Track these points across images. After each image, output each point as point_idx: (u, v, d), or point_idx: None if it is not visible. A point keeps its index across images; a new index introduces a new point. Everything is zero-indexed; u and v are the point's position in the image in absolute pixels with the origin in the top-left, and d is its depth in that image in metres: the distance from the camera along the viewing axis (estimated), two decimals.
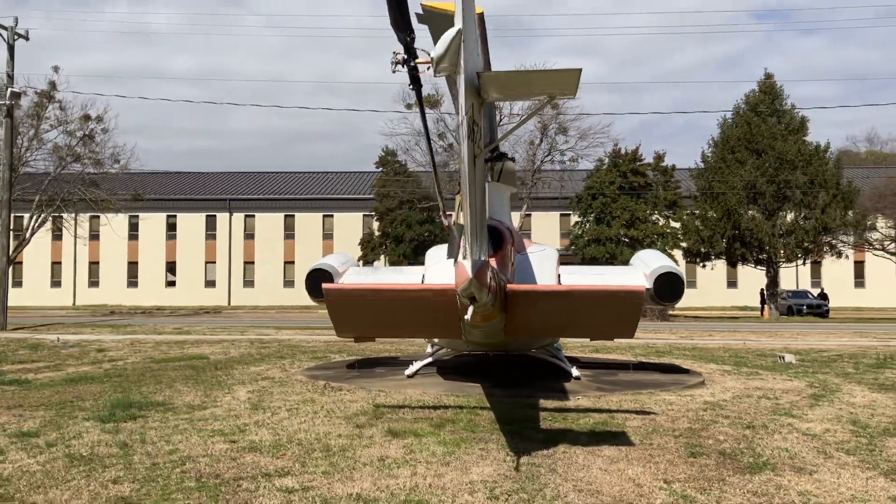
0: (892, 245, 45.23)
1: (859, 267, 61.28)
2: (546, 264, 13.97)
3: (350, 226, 66.31)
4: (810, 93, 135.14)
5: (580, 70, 6.59)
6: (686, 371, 15.75)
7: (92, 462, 7.90)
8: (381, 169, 53.00)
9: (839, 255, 44.46)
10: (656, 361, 18.02)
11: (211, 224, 69.80)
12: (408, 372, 14.25)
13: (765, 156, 42.92)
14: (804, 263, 48.44)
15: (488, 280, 7.77)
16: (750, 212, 42.82)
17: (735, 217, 42.63)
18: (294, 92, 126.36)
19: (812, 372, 16.14)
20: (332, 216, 68.43)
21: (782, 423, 10.16)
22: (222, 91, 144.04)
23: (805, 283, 60.84)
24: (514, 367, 15.44)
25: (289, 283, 65.79)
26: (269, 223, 68.82)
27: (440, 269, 13.84)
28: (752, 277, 53.24)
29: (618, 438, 9.04)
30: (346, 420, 10.13)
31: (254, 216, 69.40)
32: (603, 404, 11.50)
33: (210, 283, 69.34)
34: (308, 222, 68.08)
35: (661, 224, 48.48)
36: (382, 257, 52.03)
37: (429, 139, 11.81)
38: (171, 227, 69.80)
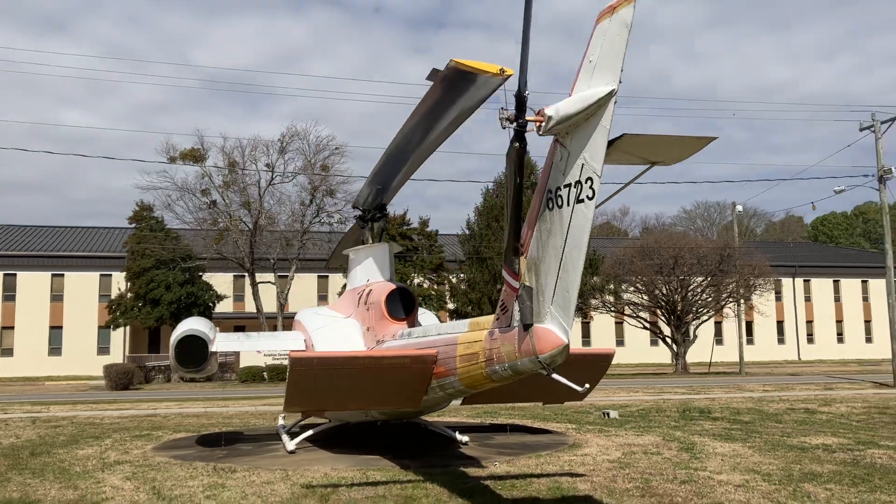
0: (626, 307, 50.73)
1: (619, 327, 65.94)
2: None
3: (85, 286, 60.30)
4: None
5: (716, 137, 6.90)
6: (548, 431, 16.30)
7: None
8: (134, 225, 49.04)
9: (584, 315, 48.79)
10: (504, 423, 18.42)
11: None
12: (289, 447, 13.23)
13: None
14: None
15: None
16: None
17: (501, 281, 45.09)
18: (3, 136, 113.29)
19: (645, 426, 17.43)
20: (61, 275, 61.65)
21: (700, 474, 10.87)
22: None
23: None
24: (386, 436, 14.99)
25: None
26: None
27: (331, 334, 13.21)
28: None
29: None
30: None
31: None
32: (525, 469, 11.55)
33: None
34: (33, 282, 60.61)
35: (426, 287, 50.03)
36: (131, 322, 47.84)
37: (519, 203, 10.41)
38: None
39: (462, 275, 48.15)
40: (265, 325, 48.72)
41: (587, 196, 6.28)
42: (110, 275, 60.85)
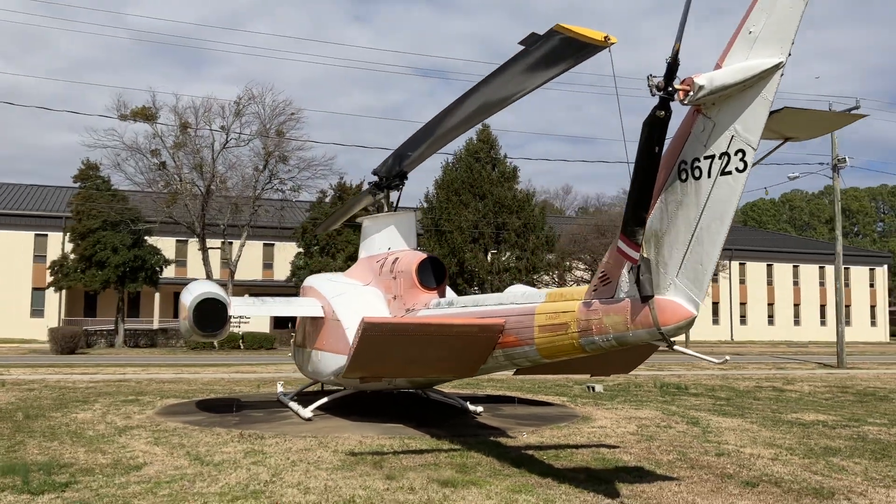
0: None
1: None
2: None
3: (18, 246, 57.84)
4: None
5: (866, 115, 6.92)
6: (550, 403, 16.47)
7: None
8: (79, 184, 47.09)
9: None
10: (500, 394, 18.52)
11: None
12: (306, 415, 13.04)
13: (486, 200, 46.44)
14: None
15: None
16: (472, 251, 45.84)
17: (460, 255, 45.41)
18: None
19: (636, 401, 17.74)
20: None
21: (727, 447, 11.12)
22: None
23: None
24: (395, 405, 14.93)
25: None
26: None
27: (353, 301, 13.01)
28: None
29: (651, 475, 9.25)
30: (346, 471, 9.02)
31: None
32: (554, 440, 11.64)
33: None
34: None
35: None
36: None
37: (653, 174, 8.72)
38: None
39: (421, 248, 48.01)
40: None
41: (736, 168, 6.27)
42: (46, 235, 58.55)
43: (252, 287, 55.08)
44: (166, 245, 52.21)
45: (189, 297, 12.65)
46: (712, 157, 6.47)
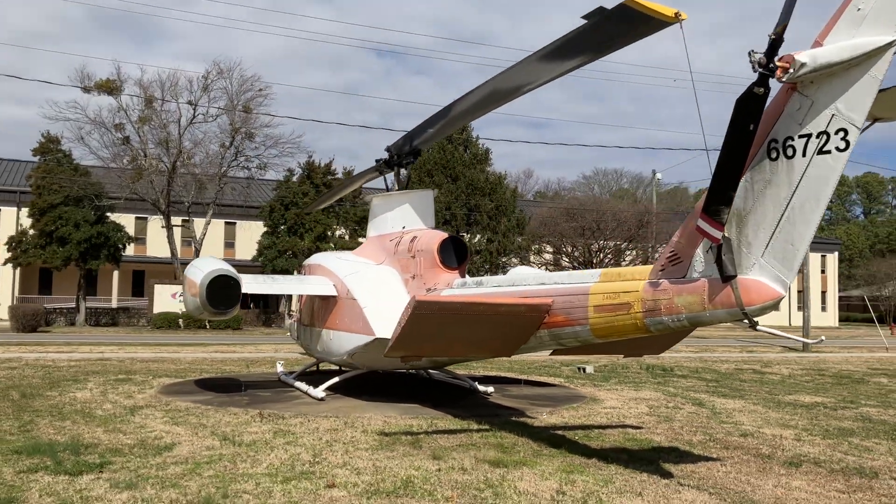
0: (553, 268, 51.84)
1: None
2: None
3: None
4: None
5: None
6: (552, 384, 16.50)
7: None
8: (39, 158, 45.52)
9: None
10: (490, 375, 18.50)
11: None
12: (319, 395, 12.82)
13: (458, 182, 46.22)
14: None
15: None
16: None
17: None
18: None
19: (632, 382, 17.87)
20: None
21: (746, 428, 11.24)
22: None
23: None
24: (401, 385, 14.79)
25: None
26: None
27: (368, 280, 12.80)
28: None
29: (691, 455, 9.30)
30: (386, 451, 8.88)
31: None
32: (574, 420, 11.65)
33: None
34: None
35: (348, 239, 49.18)
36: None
37: (746, 153, 7.15)
38: None
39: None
40: (180, 270, 46.76)
41: (836, 147, 6.22)
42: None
43: None
44: (126, 222, 50.91)
45: (199, 274, 12.27)
46: (808, 135, 6.42)
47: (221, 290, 12.00)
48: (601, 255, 47.74)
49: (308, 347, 14.82)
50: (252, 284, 13.08)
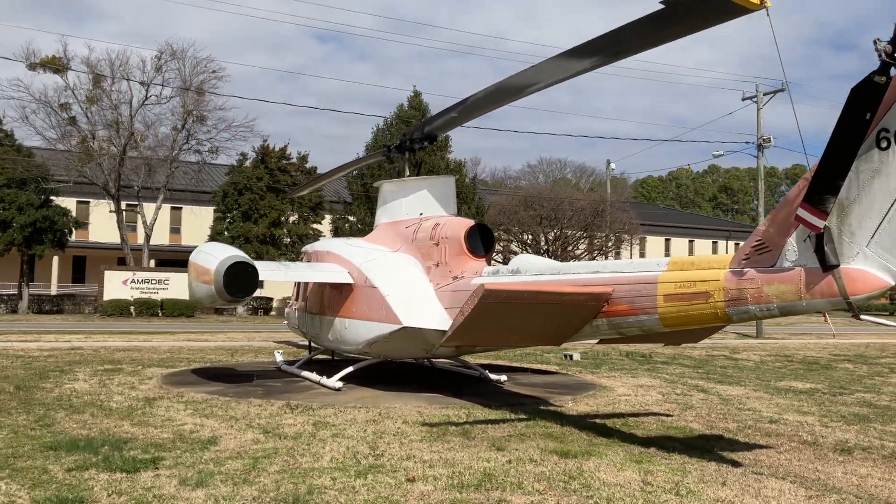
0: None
1: None
2: None
3: None
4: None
5: None
6: (555, 372, 16.52)
7: None
8: None
9: None
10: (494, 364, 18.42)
11: None
12: (335, 385, 12.53)
13: (420, 168, 45.69)
14: None
15: None
16: None
17: None
18: None
19: (627, 369, 18.00)
20: None
21: (766, 415, 11.43)
22: None
23: None
24: (410, 374, 14.60)
25: None
26: None
27: (387, 267, 12.53)
28: None
29: (739, 444, 9.38)
30: (443, 443, 8.71)
31: None
32: (601, 408, 11.67)
33: None
34: None
35: (302, 226, 48.39)
36: None
37: (858, 143, 7.01)
38: None
39: (351, 217, 46.82)
40: (130, 256, 45.37)
41: None
42: None
43: (161, 252, 52.55)
44: (68, 206, 49.10)
45: (213, 261, 11.83)
46: None
47: (240, 278, 11.62)
48: (556, 244, 48.12)
49: (316, 336, 14.44)
50: (265, 272, 12.69)
